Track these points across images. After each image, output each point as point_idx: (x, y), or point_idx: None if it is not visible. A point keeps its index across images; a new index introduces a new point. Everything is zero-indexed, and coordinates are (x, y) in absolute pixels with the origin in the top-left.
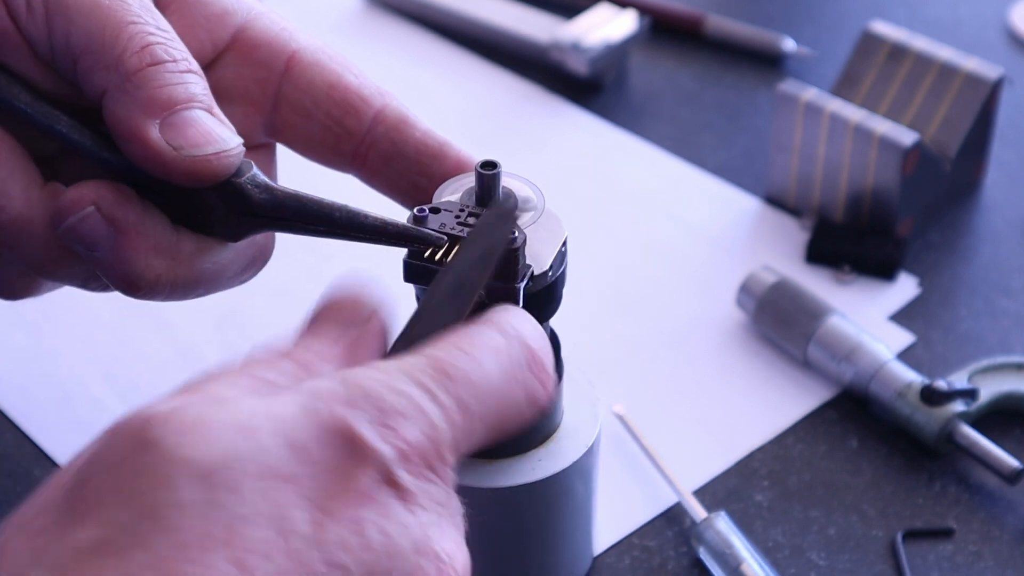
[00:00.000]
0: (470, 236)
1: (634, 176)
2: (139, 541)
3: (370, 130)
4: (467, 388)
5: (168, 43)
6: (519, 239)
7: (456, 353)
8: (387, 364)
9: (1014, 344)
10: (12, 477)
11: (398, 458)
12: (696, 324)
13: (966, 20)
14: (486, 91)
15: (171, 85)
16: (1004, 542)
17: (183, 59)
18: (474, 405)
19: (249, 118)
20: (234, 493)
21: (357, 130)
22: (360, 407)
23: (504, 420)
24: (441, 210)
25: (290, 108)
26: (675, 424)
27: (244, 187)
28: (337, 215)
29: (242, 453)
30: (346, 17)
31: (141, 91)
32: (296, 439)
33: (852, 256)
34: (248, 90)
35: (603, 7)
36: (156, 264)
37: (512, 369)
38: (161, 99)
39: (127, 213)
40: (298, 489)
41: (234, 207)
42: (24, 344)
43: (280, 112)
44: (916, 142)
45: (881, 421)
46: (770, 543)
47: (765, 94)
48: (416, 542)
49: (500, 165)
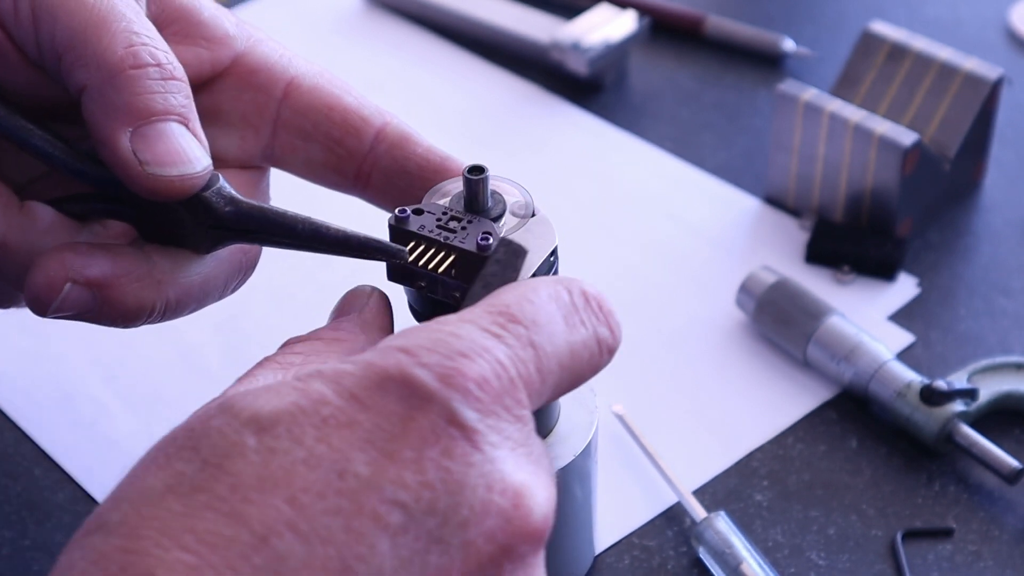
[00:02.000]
0: (486, 272)
1: (634, 176)
2: (202, 485)
3: (372, 149)
4: (535, 328)
5: (153, 45)
6: (492, 243)
7: (517, 297)
8: (447, 317)
9: (1013, 344)
10: (12, 477)
11: (462, 398)
12: (696, 324)
13: (966, 20)
14: (486, 91)
15: (150, 93)
16: (1004, 542)
17: (167, 64)
18: (545, 345)
19: (247, 142)
20: (294, 441)
21: (359, 150)
22: (418, 354)
23: (578, 364)
24: (424, 212)
25: (290, 132)
26: (675, 424)
27: (209, 200)
28: (300, 227)
29: (304, 406)
30: (346, 17)
31: (119, 95)
32: (357, 390)
33: (852, 256)
34: (246, 114)
35: (603, 7)
36: (144, 295)
37: (578, 313)
38: (137, 107)
39: (101, 267)
40: (358, 434)
41: (200, 220)
42: (25, 345)
43: (279, 137)
44: (916, 142)
45: (881, 421)
46: (770, 543)
47: (765, 94)
48: (487, 477)
49: (488, 170)
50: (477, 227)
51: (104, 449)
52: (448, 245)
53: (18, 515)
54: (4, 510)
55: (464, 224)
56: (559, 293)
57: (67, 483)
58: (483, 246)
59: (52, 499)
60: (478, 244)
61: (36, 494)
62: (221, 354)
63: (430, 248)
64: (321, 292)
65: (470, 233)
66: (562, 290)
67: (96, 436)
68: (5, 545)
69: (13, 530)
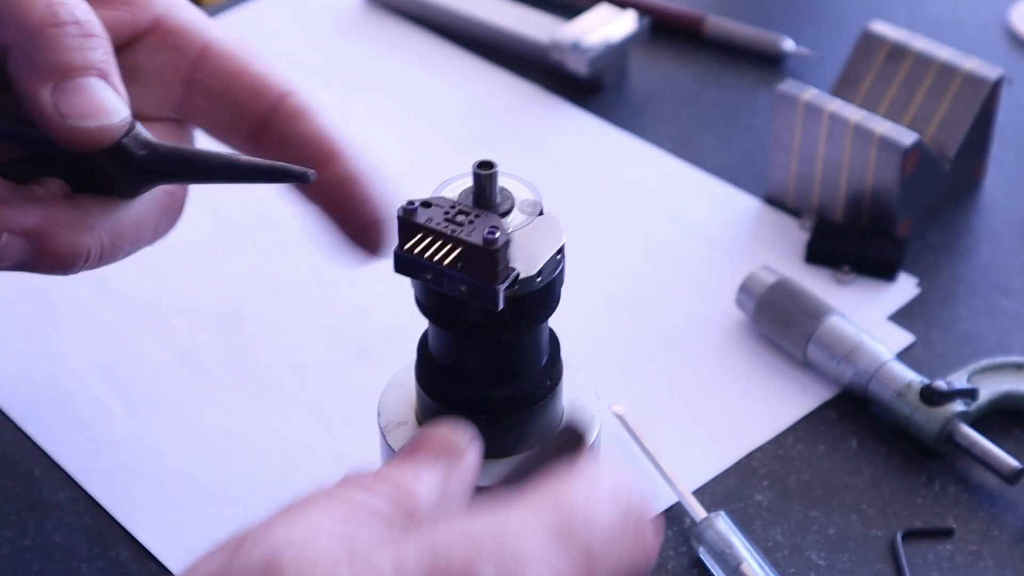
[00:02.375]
0: (541, 449)
1: (634, 176)
2: None
3: (269, 116)
4: (591, 537)
5: (73, 5)
6: (499, 241)
7: (577, 498)
8: (509, 504)
9: (1013, 344)
10: (12, 477)
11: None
12: (696, 324)
13: (966, 20)
14: (486, 91)
15: (70, 50)
16: (1003, 542)
17: (86, 21)
18: (597, 556)
19: (161, 99)
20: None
21: (256, 115)
22: (483, 552)
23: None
24: (432, 204)
25: (200, 92)
26: (675, 424)
27: (127, 147)
28: (213, 162)
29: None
30: (346, 17)
31: (40, 53)
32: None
33: (851, 256)
34: (162, 73)
35: (603, 7)
36: (77, 240)
37: (625, 527)
38: (57, 64)
39: (35, 217)
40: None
41: (122, 166)
42: (24, 344)
43: (191, 96)
44: (915, 142)
45: (881, 421)
46: (770, 543)
47: (765, 94)
48: None
49: (497, 165)
50: (484, 221)
51: (104, 449)
52: (455, 238)
53: (18, 515)
54: (4, 510)
55: (472, 218)
56: (616, 504)
57: (67, 483)
58: (489, 239)
59: (52, 499)
60: (484, 238)
61: (36, 494)
62: (221, 354)
63: (437, 240)
64: (323, 290)
65: (477, 227)
66: (617, 501)
67: (96, 436)
68: (5, 545)
69: (13, 530)
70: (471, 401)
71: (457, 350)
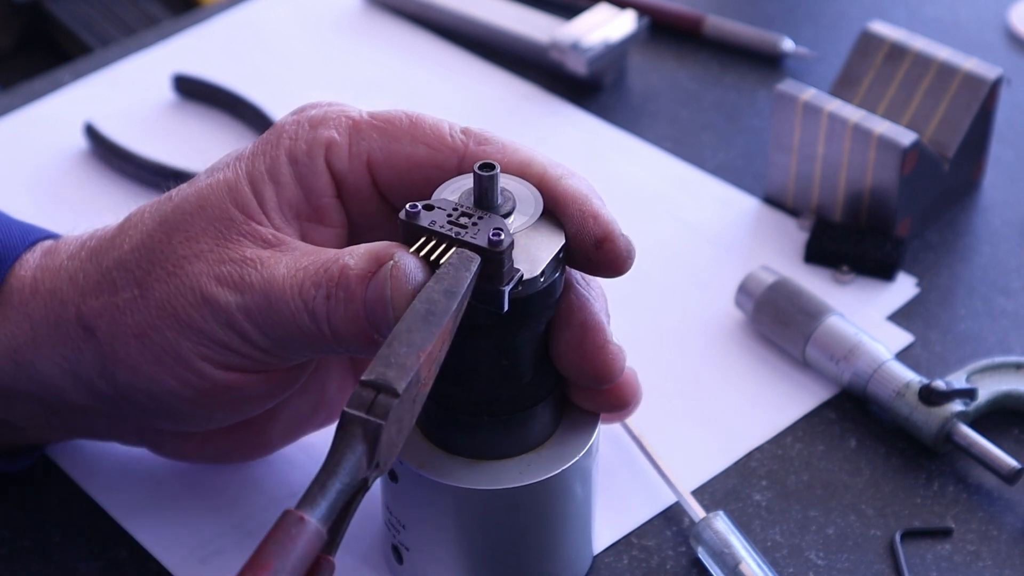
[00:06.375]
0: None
1: (634, 176)
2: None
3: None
4: None
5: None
6: (504, 243)
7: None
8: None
9: (1012, 344)
10: (11, 477)
11: None
12: (695, 324)
13: (965, 20)
14: (486, 91)
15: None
16: (1002, 542)
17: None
18: None
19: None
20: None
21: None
22: None
23: None
24: (435, 207)
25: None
26: (674, 424)
27: None
28: None
29: None
30: (346, 17)
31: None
32: None
33: (851, 256)
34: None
35: (602, 7)
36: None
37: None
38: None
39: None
40: None
41: None
42: None
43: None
44: (915, 142)
45: (880, 421)
46: (769, 543)
47: (764, 94)
48: None
49: (498, 167)
50: (488, 223)
51: (104, 449)
52: (459, 240)
53: (17, 515)
54: (4, 510)
55: (475, 220)
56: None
57: (67, 483)
58: (494, 242)
59: (52, 499)
60: (489, 240)
61: (36, 495)
62: None
63: (441, 243)
64: None
65: (481, 229)
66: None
67: None
68: (4, 545)
69: (12, 530)
70: (472, 402)
71: (460, 351)
